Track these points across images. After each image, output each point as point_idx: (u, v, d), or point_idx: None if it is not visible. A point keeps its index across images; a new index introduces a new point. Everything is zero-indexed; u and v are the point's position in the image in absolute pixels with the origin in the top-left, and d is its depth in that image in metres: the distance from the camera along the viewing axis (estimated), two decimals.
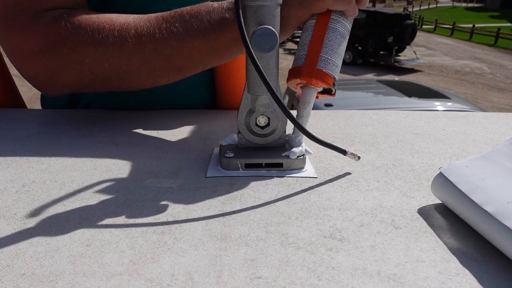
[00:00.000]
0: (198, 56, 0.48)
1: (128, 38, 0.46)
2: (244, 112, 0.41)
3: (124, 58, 0.47)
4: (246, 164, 0.39)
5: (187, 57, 0.48)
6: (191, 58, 0.48)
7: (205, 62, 0.49)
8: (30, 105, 0.76)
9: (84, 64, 0.47)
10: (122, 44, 0.46)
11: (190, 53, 0.47)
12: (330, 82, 0.40)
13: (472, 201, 0.29)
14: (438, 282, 0.25)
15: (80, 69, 0.47)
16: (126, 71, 0.48)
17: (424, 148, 0.47)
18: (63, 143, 0.47)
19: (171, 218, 0.31)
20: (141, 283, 0.24)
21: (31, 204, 0.33)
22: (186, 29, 0.46)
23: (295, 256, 0.27)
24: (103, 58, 0.47)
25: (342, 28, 0.42)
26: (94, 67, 0.47)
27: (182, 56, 0.47)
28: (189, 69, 0.50)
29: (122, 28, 0.46)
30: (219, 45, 0.47)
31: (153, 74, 0.49)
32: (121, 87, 0.51)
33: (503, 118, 0.60)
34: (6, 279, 0.25)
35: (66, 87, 0.50)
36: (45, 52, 0.46)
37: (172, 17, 0.47)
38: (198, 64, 0.49)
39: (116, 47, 0.46)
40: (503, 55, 12.44)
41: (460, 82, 8.41)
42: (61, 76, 0.48)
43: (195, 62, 0.49)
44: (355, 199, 0.35)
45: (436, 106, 3.19)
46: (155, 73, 0.49)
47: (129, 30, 0.46)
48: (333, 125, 0.55)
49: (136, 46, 0.46)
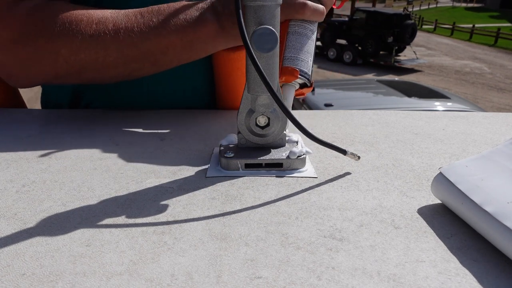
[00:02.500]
0: (174, 51, 0.49)
1: (106, 31, 0.47)
2: (244, 112, 0.41)
3: (101, 50, 0.47)
4: (246, 164, 0.39)
5: (163, 52, 0.48)
6: (167, 53, 0.49)
7: (180, 57, 0.50)
8: (30, 105, 0.76)
9: (60, 54, 0.47)
10: (100, 36, 0.46)
11: (166, 47, 0.48)
12: (296, 74, 0.43)
13: (472, 201, 0.29)
14: (438, 282, 0.25)
15: (55, 58, 0.48)
16: (102, 62, 0.48)
17: (424, 148, 0.47)
18: (63, 143, 0.47)
19: (171, 218, 0.31)
20: (141, 283, 0.24)
21: (31, 204, 0.33)
22: (163, 24, 0.47)
23: (295, 256, 0.27)
24: (79, 49, 0.47)
25: (302, 29, 0.46)
26: (69, 57, 0.48)
27: (158, 50, 0.48)
28: (165, 63, 0.51)
29: (100, 21, 0.47)
30: (195, 40, 0.48)
31: (129, 67, 0.50)
32: (95, 79, 0.52)
33: (503, 118, 0.60)
34: (6, 279, 0.25)
35: (40, 78, 0.51)
36: (20, 42, 0.47)
37: (149, 12, 0.48)
38: (173, 58, 0.50)
39: (93, 39, 0.47)
40: (503, 55, 12.44)
41: (460, 82, 8.41)
42: (36, 66, 0.49)
43: (170, 56, 0.50)
44: (355, 199, 0.35)
45: (436, 106, 3.19)
46: (131, 66, 0.50)
47: (107, 23, 0.47)
48: (333, 125, 0.55)
49: (113, 39, 0.47)
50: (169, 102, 0.64)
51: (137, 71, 0.51)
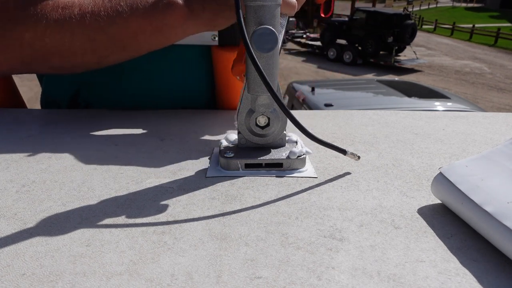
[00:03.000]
0: (144, 35, 0.48)
1: (72, 15, 0.46)
2: (244, 112, 0.41)
3: (67, 35, 0.47)
4: (246, 164, 0.39)
5: (132, 36, 0.48)
6: (136, 38, 0.48)
7: (150, 41, 0.49)
8: (30, 105, 0.76)
9: (24, 39, 0.47)
10: (65, 21, 0.46)
11: (135, 32, 0.47)
12: None
13: (472, 201, 0.29)
14: (438, 282, 0.25)
15: (20, 44, 0.47)
16: (69, 48, 0.48)
17: (424, 148, 0.47)
18: (63, 143, 0.47)
19: (171, 218, 0.31)
20: (141, 283, 0.24)
21: (31, 204, 0.33)
22: (131, 8, 0.46)
23: (295, 256, 0.27)
24: (44, 34, 0.46)
25: None
26: (34, 42, 0.47)
27: (127, 34, 0.48)
28: (134, 49, 0.50)
29: (66, 5, 0.47)
30: (164, 25, 0.47)
31: (98, 53, 0.49)
32: (64, 67, 0.52)
33: (503, 118, 0.60)
34: (6, 279, 0.25)
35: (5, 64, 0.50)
36: None
37: None
38: (144, 44, 0.50)
39: (58, 23, 0.46)
40: (503, 55, 12.44)
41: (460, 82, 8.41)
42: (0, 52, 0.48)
43: (140, 41, 0.49)
44: (355, 199, 0.35)
45: (436, 106, 3.19)
46: (100, 52, 0.49)
47: (73, 8, 0.46)
48: (333, 125, 0.55)
49: (80, 23, 0.46)
50: (169, 102, 0.64)
51: (106, 58, 0.51)
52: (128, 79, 0.63)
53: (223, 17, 0.47)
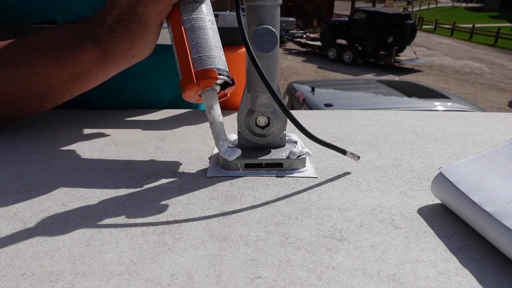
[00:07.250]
0: (59, 83, 0.45)
1: None
2: (244, 112, 0.41)
3: None
4: (246, 164, 0.39)
5: (48, 85, 0.45)
6: (52, 85, 0.45)
7: (71, 88, 0.46)
8: None
9: None
10: None
11: (48, 80, 0.44)
12: (214, 75, 0.37)
13: (472, 201, 0.29)
14: (438, 282, 0.25)
15: None
16: None
17: (424, 148, 0.47)
18: (63, 143, 0.47)
19: (171, 218, 0.31)
20: (141, 283, 0.24)
21: (31, 204, 0.33)
22: (37, 56, 0.43)
23: (295, 256, 0.27)
24: None
25: (200, 22, 0.39)
26: None
27: (40, 83, 0.44)
28: (56, 97, 0.47)
29: None
30: (78, 70, 0.44)
31: (16, 104, 0.47)
32: None
33: (503, 118, 0.60)
34: (6, 279, 0.25)
35: None
36: None
37: (23, 43, 0.44)
38: (64, 91, 0.46)
39: None
40: (503, 55, 12.45)
41: (460, 82, 8.41)
42: None
43: (58, 89, 0.46)
44: (355, 199, 0.35)
45: (436, 106, 3.19)
46: (17, 103, 0.46)
47: None
48: (333, 125, 0.55)
49: None
50: (169, 102, 0.64)
51: (28, 107, 0.48)
52: (125, 83, 0.63)
53: (139, 36, 0.41)
